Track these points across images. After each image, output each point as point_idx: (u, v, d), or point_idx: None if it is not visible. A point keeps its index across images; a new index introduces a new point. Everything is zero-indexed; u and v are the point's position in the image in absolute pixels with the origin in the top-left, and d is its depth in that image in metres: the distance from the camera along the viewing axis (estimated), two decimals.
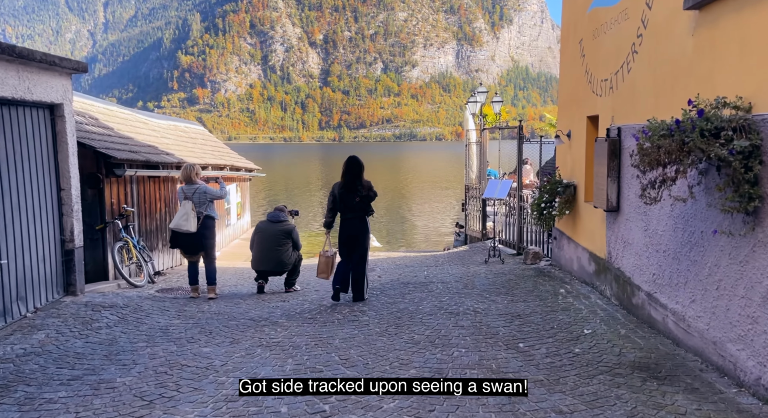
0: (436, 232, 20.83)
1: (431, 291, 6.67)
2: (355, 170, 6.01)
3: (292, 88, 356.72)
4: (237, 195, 15.47)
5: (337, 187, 6.08)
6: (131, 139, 9.30)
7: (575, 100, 6.99)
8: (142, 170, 8.12)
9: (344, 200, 5.98)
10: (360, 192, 5.96)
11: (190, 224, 6.45)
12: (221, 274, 9.49)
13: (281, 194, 36.30)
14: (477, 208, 11.38)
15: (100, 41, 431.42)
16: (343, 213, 6.05)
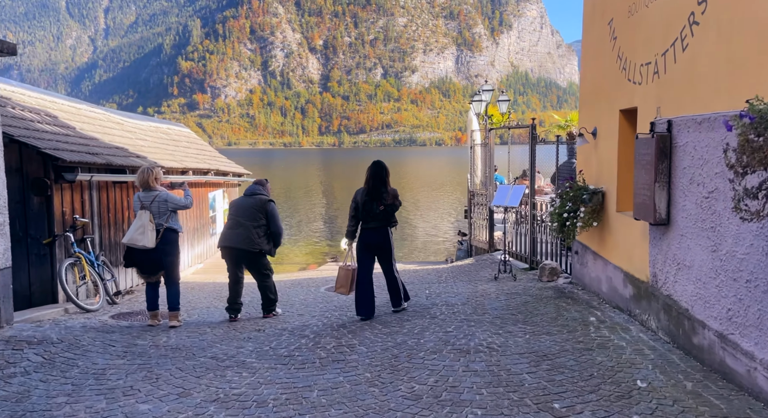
0: (436, 240, 19.79)
1: (434, 317, 5.62)
2: (380, 176, 5.59)
3: (292, 94, 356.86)
4: (224, 202, 14.44)
5: (360, 193, 5.65)
6: (96, 140, 8.28)
7: (603, 92, 5.97)
8: (103, 175, 7.08)
9: (366, 208, 5.57)
10: (384, 200, 5.54)
11: (147, 238, 5.41)
12: (196, 292, 8.43)
13: (281, 200, 35.34)
14: (483, 216, 10.35)
15: (101, 47, 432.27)
16: (365, 222, 5.63)
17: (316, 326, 5.51)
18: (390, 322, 5.55)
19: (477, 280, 7.93)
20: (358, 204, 5.64)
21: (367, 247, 5.69)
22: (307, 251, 17.32)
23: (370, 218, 5.60)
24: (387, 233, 5.70)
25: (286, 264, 14.94)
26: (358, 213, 5.66)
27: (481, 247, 10.43)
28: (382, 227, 5.65)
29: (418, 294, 7.10)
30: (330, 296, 7.32)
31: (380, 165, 5.69)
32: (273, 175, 66.66)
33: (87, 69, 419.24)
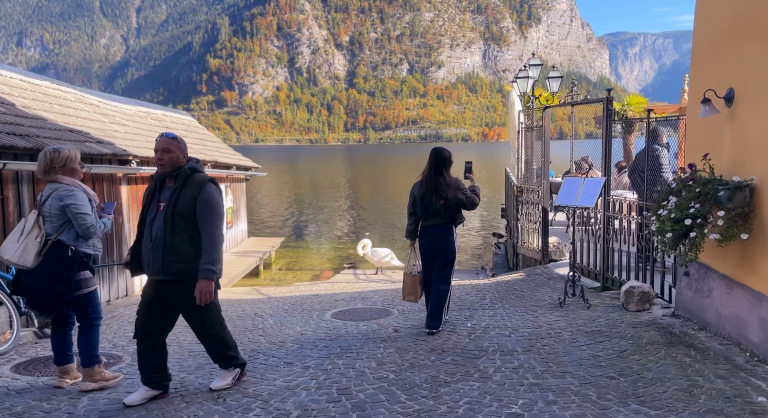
0: (467, 243, 17.69)
1: (486, 377, 3.66)
2: (438, 166, 4.88)
3: (318, 90, 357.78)
4: (227, 199, 12.65)
5: (417, 186, 4.99)
6: (43, 120, 6.50)
7: (744, 34, 3.87)
8: (27, 163, 5.25)
9: (425, 203, 4.90)
10: (444, 193, 4.83)
11: (21, 251, 3.51)
12: None
13: (307, 195, 33.69)
14: (535, 217, 8.27)
15: (133, 46, 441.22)
16: (424, 218, 4.97)
17: (305, 392, 3.58)
18: (417, 383, 3.60)
19: (535, 305, 5.88)
20: (415, 198, 4.95)
21: (429, 247, 4.96)
22: (325, 254, 15.46)
23: (429, 214, 4.90)
24: (449, 232, 4.93)
25: (296, 270, 13.09)
26: (417, 209, 4.95)
27: (531, 256, 8.35)
28: (443, 225, 4.91)
29: (457, 327, 5.12)
30: (337, 329, 5.40)
31: (439, 153, 4.91)
32: (299, 171, 65.35)
33: (120, 67, 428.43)
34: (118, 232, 7.47)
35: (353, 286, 8.43)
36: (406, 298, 5.20)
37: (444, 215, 4.87)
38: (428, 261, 4.97)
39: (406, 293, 5.16)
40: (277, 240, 14.85)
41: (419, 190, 4.92)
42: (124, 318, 6.39)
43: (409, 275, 5.12)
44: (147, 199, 3.42)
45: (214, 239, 3.29)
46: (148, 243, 3.31)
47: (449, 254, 4.92)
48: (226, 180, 12.61)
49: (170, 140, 3.35)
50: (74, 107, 8.06)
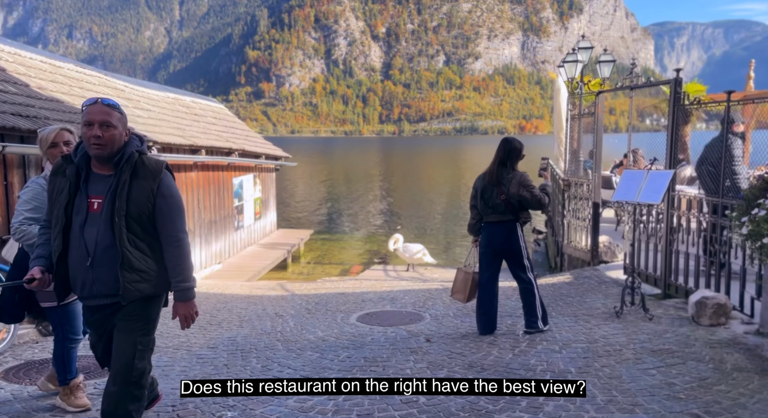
0: None
1: (534, 405, 3.06)
2: (504, 156, 4.43)
3: (354, 82, 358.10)
4: (256, 189, 12.27)
5: (480, 178, 4.59)
6: (58, 102, 6.14)
7: None
8: (30, 146, 4.85)
9: (485, 196, 4.49)
10: (506, 187, 4.37)
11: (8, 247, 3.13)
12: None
13: (340, 186, 33.34)
14: (584, 214, 7.51)
15: (175, 38, 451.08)
16: (484, 214, 4.54)
17: (321, 416, 3.03)
18: (454, 414, 3.01)
19: (587, 314, 5.18)
20: (477, 191, 4.55)
21: (489, 246, 4.52)
22: (355, 247, 14.97)
23: (489, 210, 4.47)
24: (513, 230, 4.45)
25: (325, 264, 12.63)
26: (477, 202, 4.56)
27: (579, 257, 7.60)
28: (505, 223, 4.45)
29: (498, 338, 4.50)
30: (362, 336, 4.84)
31: (508, 143, 4.44)
32: (334, 162, 65.06)
33: (162, 59, 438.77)
34: None
35: (382, 284, 7.87)
36: (454, 295, 4.81)
37: (505, 211, 4.40)
38: (487, 261, 4.53)
39: (455, 289, 4.78)
40: (307, 232, 14.43)
41: (481, 183, 4.50)
42: None
43: (462, 271, 4.74)
44: (61, 194, 2.30)
45: (185, 247, 2.39)
46: (83, 257, 2.27)
47: (516, 255, 4.45)
48: (255, 170, 12.22)
49: (108, 109, 2.27)
50: (96, 91, 7.74)
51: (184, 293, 2.42)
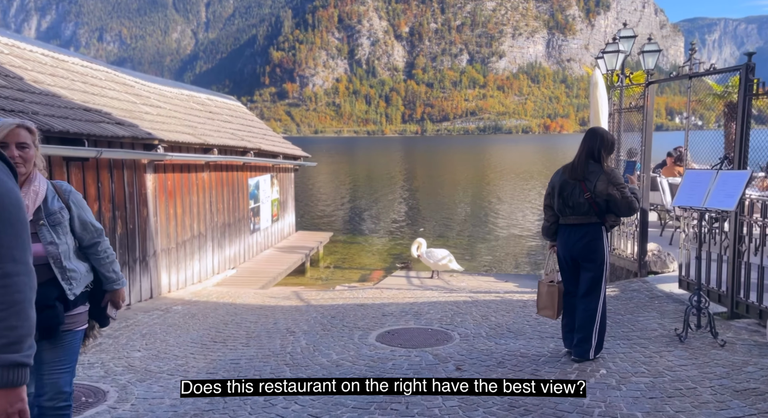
0: (530, 243, 16.08)
1: None
2: (592, 148, 3.74)
3: (377, 82, 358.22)
4: (273, 190, 11.76)
5: (558, 172, 3.90)
6: (55, 97, 5.67)
7: None
8: None
9: (563, 193, 3.77)
10: (591, 184, 3.66)
11: None
12: (191, 322, 5.64)
13: (362, 187, 32.82)
14: (630, 219, 6.76)
15: (202, 39, 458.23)
16: (562, 214, 3.84)
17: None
18: None
19: (642, 337, 4.47)
20: (553, 188, 3.87)
21: (566, 252, 3.86)
22: (377, 251, 14.36)
23: (568, 210, 3.79)
24: (596, 236, 3.75)
25: (345, 269, 12.05)
26: (553, 201, 3.87)
27: (623, 266, 6.85)
28: (587, 226, 3.74)
29: (540, 367, 3.83)
30: (382, 361, 4.23)
31: (595, 134, 3.79)
32: (356, 162, 64.53)
33: (189, 61, 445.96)
34: (141, 226, 6.62)
35: (405, 295, 7.24)
36: (542, 312, 4.20)
37: (588, 212, 3.72)
38: (565, 269, 3.94)
39: (542, 305, 4.16)
40: (326, 234, 13.88)
41: (559, 178, 3.82)
42: (138, 329, 5.49)
43: (545, 284, 4.10)
44: None
45: (13, 287, 1.38)
46: None
47: (594, 264, 3.76)
48: (273, 170, 11.71)
49: None
50: (101, 86, 7.31)
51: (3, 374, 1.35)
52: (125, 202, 6.24)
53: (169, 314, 6.17)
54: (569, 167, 3.82)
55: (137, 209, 6.50)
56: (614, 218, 3.79)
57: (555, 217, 3.91)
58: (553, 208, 3.89)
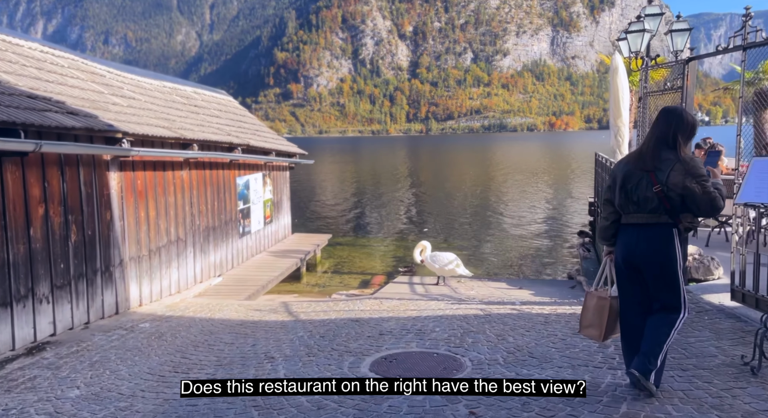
0: (539, 244, 15.15)
1: None
2: (666, 131, 2.88)
3: (381, 81, 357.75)
4: (265, 190, 10.93)
5: (622, 162, 3.08)
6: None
7: None
8: None
9: (627, 185, 2.94)
10: (663, 175, 2.82)
11: None
12: (151, 346, 4.77)
13: (364, 187, 31.96)
14: None
15: (206, 41, 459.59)
16: (625, 211, 2.99)
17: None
18: None
19: (699, 366, 3.58)
20: (615, 179, 3.07)
21: (627, 259, 3.03)
22: (378, 254, 13.49)
23: (633, 206, 2.97)
24: (667, 239, 2.92)
25: (344, 274, 11.19)
26: (614, 195, 3.06)
27: None
28: (656, 227, 2.92)
29: (576, 408, 2.95)
30: (377, 402, 3.35)
31: (670, 114, 2.95)
32: (361, 161, 63.62)
33: (194, 63, 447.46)
34: (102, 232, 5.78)
35: (407, 306, 6.37)
36: (585, 331, 3.35)
37: (657, 209, 2.90)
38: (625, 280, 3.10)
39: (586, 323, 3.33)
40: (325, 237, 13.03)
41: (623, 168, 3.03)
42: (88, 355, 4.64)
43: (594, 296, 3.28)
44: None
45: None
46: None
47: (667, 275, 2.92)
48: (265, 168, 10.87)
49: None
50: (61, 73, 6.49)
51: None
52: (82, 205, 5.41)
53: (132, 334, 5.33)
54: (635, 155, 3.04)
55: (98, 212, 5.67)
56: (691, 218, 2.95)
57: (616, 215, 3.11)
58: (613, 203, 3.10)
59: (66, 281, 5.14)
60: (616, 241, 3.12)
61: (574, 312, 5.39)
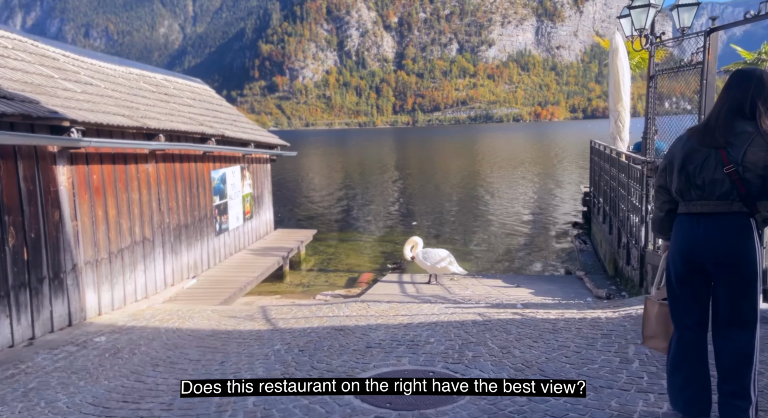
0: (536, 235, 14.64)
1: None
2: (736, 96, 2.31)
3: (367, 73, 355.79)
4: (244, 184, 10.25)
5: (682, 139, 2.48)
6: None
7: None
8: None
9: (688, 167, 2.37)
10: (737, 151, 2.25)
11: None
12: (93, 372, 4.11)
13: (353, 179, 31.27)
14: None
15: (190, 34, 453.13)
16: (686, 198, 2.40)
17: None
18: None
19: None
20: (672, 159, 2.44)
21: (690, 257, 2.38)
22: (366, 249, 12.88)
23: (696, 192, 2.34)
24: (740, 233, 2.28)
25: (330, 272, 10.57)
26: (671, 179, 2.44)
27: None
28: (726, 217, 2.29)
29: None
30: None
31: (746, 77, 2.32)
32: (348, 153, 62.70)
33: (177, 56, 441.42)
34: (50, 234, 5.08)
35: (397, 310, 5.77)
36: (650, 342, 2.78)
37: (728, 195, 2.29)
38: (684, 284, 2.46)
39: (651, 333, 2.74)
40: (309, 232, 12.38)
41: (684, 146, 2.40)
42: (24, 380, 3.97)
43: (655, 302, 2.69)
44: None
45: None
46: None
47: (743, 278, 2.30)
48: (243, 160, 10.18)
49: None
50: (6, 55, 5.75)
51: None
52: (21, 204, 4.71)
53: (84, 350, 4.67)
54: (700, 129, 2.41)
55: (43, 211, 4.98)
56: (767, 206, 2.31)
57: (672, 203, 2.52)
58: (669, 190, 2.51)
59: (3, 293, 4.46)
60: (673, 235, 2.51)
61: (584, 317, 4.83)
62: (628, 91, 8.39)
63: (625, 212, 7.02)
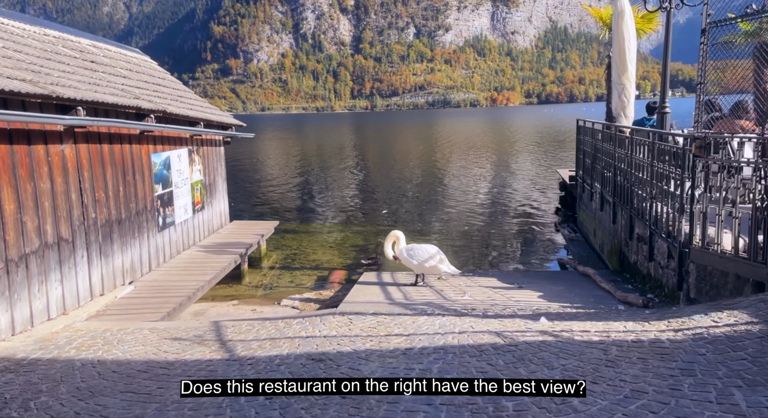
0: (515, 226, 13.74)
1: None
2: None
3: (324, 57, 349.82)
4: (193, 169, 8.79)
5: None
6: None
7: None
8: None
9: None
10: None
11: None
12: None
13: (313, 165, 29.72)
14: (735, 197, 4.31)
15: (136, 14, 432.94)
16: None
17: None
18: None
19: None
20: None
21: None
22: (336, 240, 11.63)
23: None
24: None
25: (295, 270, 9.29)
26: None
27: (729, 270, 4.42)
28: None
29: None
30: None
31: None
32: (306, 138, 60.62)
33: (123, 37, 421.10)
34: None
35: (388, 326, 4.60)
36: None
37: None
38: None
39: None
40: (270, 224, 11.03)
41: None
42: None
43: None
44: None
45: None
46: None
47: None
48: (192, 142, 8.70)
49: None
50: None
51: None
52: None
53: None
54: None
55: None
56: None
57: None
58: None
59: None
60: None
61: (639, 339, 3.76)
62: (634, 61, 7.44)
63: (644, 198, 6.05)
